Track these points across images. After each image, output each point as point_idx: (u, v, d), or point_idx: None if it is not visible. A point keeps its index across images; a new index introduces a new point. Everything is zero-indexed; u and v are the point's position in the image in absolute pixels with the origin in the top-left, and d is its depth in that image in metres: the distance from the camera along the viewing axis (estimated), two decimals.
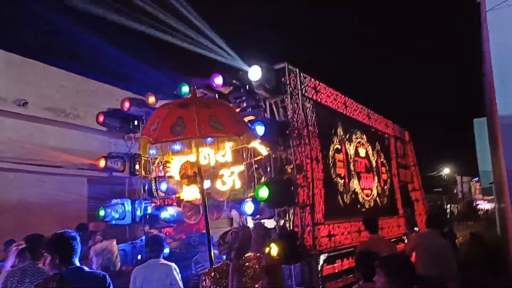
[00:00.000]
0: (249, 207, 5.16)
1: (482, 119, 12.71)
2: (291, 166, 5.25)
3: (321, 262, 5.12)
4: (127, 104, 5.86)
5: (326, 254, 5.29)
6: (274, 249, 4.51)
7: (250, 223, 5.83)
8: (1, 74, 7.90)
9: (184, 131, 3.76)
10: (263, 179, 5.38)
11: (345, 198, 6.33)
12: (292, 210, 5.18)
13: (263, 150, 5.73)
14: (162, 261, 4.36)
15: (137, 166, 6.27)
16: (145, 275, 4.21)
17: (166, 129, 3.76)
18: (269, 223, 5.26)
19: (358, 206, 6.85)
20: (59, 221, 6.63)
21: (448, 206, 34.55)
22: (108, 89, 9.83)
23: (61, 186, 8.40)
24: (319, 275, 5.03)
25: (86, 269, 3.03)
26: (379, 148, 8.41)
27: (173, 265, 4.33)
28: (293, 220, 5.20)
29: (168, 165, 6.77)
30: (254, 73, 4.72)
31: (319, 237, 5.21)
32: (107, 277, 3.01)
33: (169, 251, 5.98)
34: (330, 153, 6.07)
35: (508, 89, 4.83)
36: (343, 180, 6.34)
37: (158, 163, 6.56)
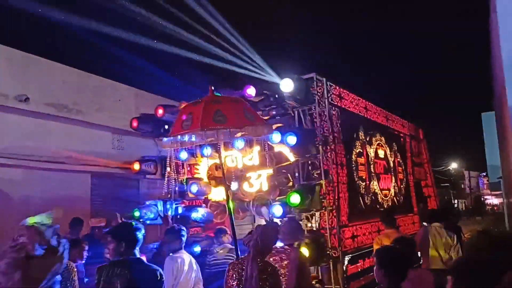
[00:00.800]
0: (277, 210, 5.45)
1: (490, 113, 12.62)
2: (318, 172, 5.52)
3: (346, 262, 5.42)
4: (160, 111, 6.14)
5: (350, 255, 5.59)
6: (304, 251, 4.82)
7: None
8: (2, 70, 7.74)
9: (228, 121, 4.26)
10: (290, 183, 5.65)
11: (366, 199, 6.61)
12: (318, 213, 5.46)
13: (290, 155, 6.00)
14: (180, 253, 4.48)
15: (168, 169, 6.56)
16: (179, 265, 4.33)
17: (208, 119, 4.24)
18: None
19: (378, 206, 7.12)
20: (63, 217, 6.58)
21: (456, 201, 34.49)
22: (112, 84, 9.80)
23: (65, 182, 8.32)
24: (344, 275, 5.33)
25: (144, 260, 3.29)
26: (396, 148, 8.64)
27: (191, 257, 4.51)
28: (319, 223, 5.49)
29: (196, 167, 7.07)
30: (286, 85, 4.97)
31: (344, 239, 5.50)
32: (160, 271, 3.15)
33: (200, 249, 6.34)
34: (353, 157, 6.34)
35: None
36: (364, 183, 6.61)
37: (187, 166, 6.86)
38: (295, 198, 4.77)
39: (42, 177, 7.94)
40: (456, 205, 33.10)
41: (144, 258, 3.41)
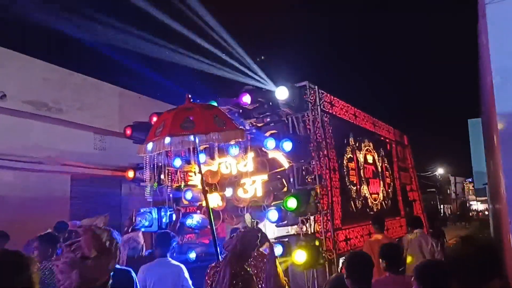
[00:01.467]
0: (273, 215, 5.58)
1: (477, 120, 12.94)
2: (312, 177, 5.66)
3: (340, 265, 5.56)
4: (155, 118, 6.19)
5: (344, 257, 5.72)
6: (301, 255, 4.94)
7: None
8: None
9: (195, 127, 4.31)
10: (285, 189, 5.78)
11: (357, 203, 6.79)
12: (313, 217, 5.60)
13: (284, 161, 6.14)
14: (172, 261, 4.44)
15: (162, 176, 6.61)
16: (158, 274, 4.22)
17: (176, 126, 4.27)
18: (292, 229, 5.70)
19: (368, 210, 7.31)
20: (41, 218, 6.38)
21: (442, 206, 35.02)
22: (94, 83, 9.43)
23: (44, 183, 8.02)
24: None
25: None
26: (383, 154, 8.89)
27: (182, 266, 4.42)
28: (314, 226, 5.62)
29: (190, 174, 7.13)
30: (281, 92, 5.12)
31: (338, 242, 5.65)
32: (132, 273, 3.13)
33: (195, 256, 6.39)
34: (344, 162, 6.52)
35: (508, 86, 4.54)
36: (355, 187, 6.80)
37: (180, 173, 6.92)
38: (292, 203, 4.90)
39: (19, 177, 7.61)
40: (442, 210, 33.61)
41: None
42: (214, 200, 6.91)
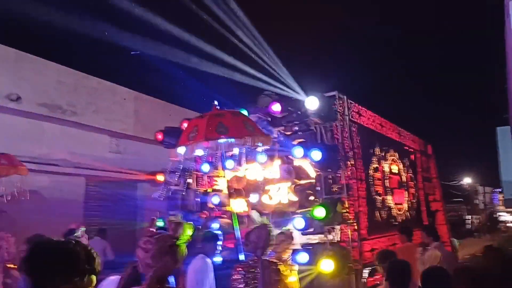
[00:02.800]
0: (299, 223, 5.62)
1: (506, 127, 12.51)
2: (338, 186, 5.69)
3: (366, 275, 5.56)
4: (185, 124, 6.31)
5: (369, 268, 5.72)
6: (329, 264, 4.96)
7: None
8: None
9: (229, 132, 4.70)
10: (311, 197, 5.81)
11: (382, 213, 6.77)
12: (339, 227, 5.61)
13: (310, 170, 6.18)
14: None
15: (189, 180, 6.73)
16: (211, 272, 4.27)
17: (212, 131, 4.70)
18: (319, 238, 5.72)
19: (392, 220, 7.27)
20: (55, 220, 6.38)
21: (469, 217, 33.81)
22: (109, 86, 9.39)
23: (58, 185, 7.91)
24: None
25: None
26: (408, 164, 8.82)
27: None
28: (340, 235, 5.63)
29: (215, 179, 7.24)
30: (311, 102, 5.18)
31: (364, 252, 5.64)
32: None
33: (222, 260, 6.47)
34: (370, 172, 6.52)
35: None
36: (380, 197, 6.78)
37: (207, 178, 7.04)
38: (320, 212, 4.94)
39: (33, 179, 7.28)
40: (469, 221, 32.40)
41: None
42: (239, 206, 7.00)
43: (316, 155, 5.08)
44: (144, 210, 9.02)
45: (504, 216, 37.58)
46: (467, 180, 38.31)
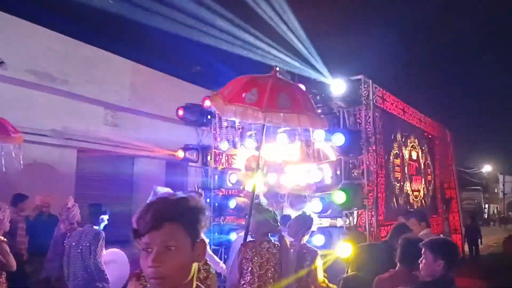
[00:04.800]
0: (316, 205, 5.63)
1: None
2: (358, 171, 5.67)
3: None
4: (208, 103, 6.29)
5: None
6: (346, 248, 4.99)
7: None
8: None
9: (256, 102, 3.78)
10: (329, 181, 5.80)
11: (399, 200, 6.75)
12: (356, 212, 5.63)
13: (331, 153, 6.15)
14: None
15: (208, 157, 6.77)
16: None
17: (239, 95, 3.82)
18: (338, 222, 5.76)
19: (408, 207, 7.26)
20: (46, 192, 6.19)
21: (487, 206, 33.11)
22: (104, 55, 8.70)
23: (48, 158, 7.52)
24: None
25: None
26: (426, 150, 8.73)
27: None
28: (357, 220, 5.65)
29: (234, 157, 7.27)
30: (338, 86, 5.10)
31: (380, 237, 5.66)
32: None
33: (236, 237, 6.58)
34: (391, 158, 6.47)
35: None
36: (399, 184, 6.75)
37: (225, 156, 7.07)
38: (340, 196, 4.94)
39: (21, 149, 6.54)
40: (487, 210, 31.66)
41: None
42: (256, 185, 7.04)
43: (339, 139, 5.04)
44: (140, 186, 8.97)
45: None
46: (487, 168, 37.14)
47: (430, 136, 9.38)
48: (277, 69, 4.15)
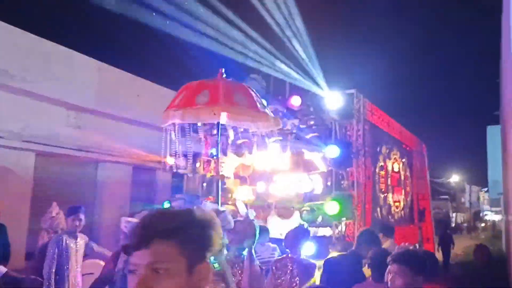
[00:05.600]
0: (306, 215, 5.76)
1: (496, 127, 12.32)
2: (347, 182, 5.83)
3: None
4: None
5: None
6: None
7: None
8: None
9: (208, 101, 3.85)
10: (318, 191, 5.93)
11: (383, 210, 6.97)
12: (344, 222, 5.77)
13: (321, 164, 6.28)
14: None
15: (197, 164, 6.74)
16: None
17: (191, 98, 3.89)
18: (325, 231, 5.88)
19: (390, 217, 7.50)
20: (1, 197, 5.94)
21: (454, 215, 34.14)
22: (67, 53, 8.14)
23: (4, 160, 7.11)
24: None
25: None
26: (406, 163, 9.05)
27: None
28: (345, 230, 5.80)
29: (222, 165, 7.26)
30: (334, 99, 5.23)
31: None
32: None
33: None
34: (377, 170, 6.67)
35: None
36: (383, 195, 6.97)
37: (214, 162, 7.06)
38: (333, 207, 5.05)
39: None
40: (454, 219, 32.67)
41: None
42: (245, 193, 7.08)
43: (333, 150, 5.18)
44: (104, 192, 8.71)
45: (489, 216, 38.29)
46: (454, 178, 38.36)
47: (408, 148, 9.74)
48: (223, 71, 4.22)
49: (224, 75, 4.23)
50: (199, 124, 6.86)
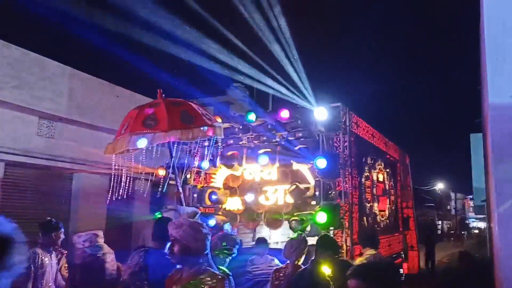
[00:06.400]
0: (296, 225, 5.92)
1: (479, 134, 12.64)
2: (334, 192, 6.01)
3: None
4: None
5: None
6: (326, 269, 5.25)
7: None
8: None
9: (157, 125, 4.12)
10: (313, 202, 6.10)
11: (369, 219, 7.17)
12: (332, 231, 5.94)
13: (308, 174, 6.47)
14: None
15: (188, 176, 6.85)
16: None
17: (138, 124, 4.13)
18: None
19: (376, 226, 7.71)
20: None
21: (440, 222, 34.47)
22: (38, 59, 7.87)
23: None
24: None
25: None
26: (390, 173, 9.32)
27: None
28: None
29: (212, 176, 7.40)
30: (320, 113, 5.43)
31: (355, 256, 6.00)
32: None
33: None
34: (363, 180, 6.89)
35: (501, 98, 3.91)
36: (369, 204, 7.18)
37: (204, 175, 7.18)
38: (322, 217, 5.21)
39: None
40: (440, 227, 32.94)
41: None
42: (235, 204, 7.21)
43: (322, 162, 5.35)
44: (80, 203, 8.52)
45: (475, 223, 38.80)
46: (440, 186, 38.69)
47: (392, 159, 10.03)
48: (161, 91, 4.44)
49: (164, 95, 4.43)
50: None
